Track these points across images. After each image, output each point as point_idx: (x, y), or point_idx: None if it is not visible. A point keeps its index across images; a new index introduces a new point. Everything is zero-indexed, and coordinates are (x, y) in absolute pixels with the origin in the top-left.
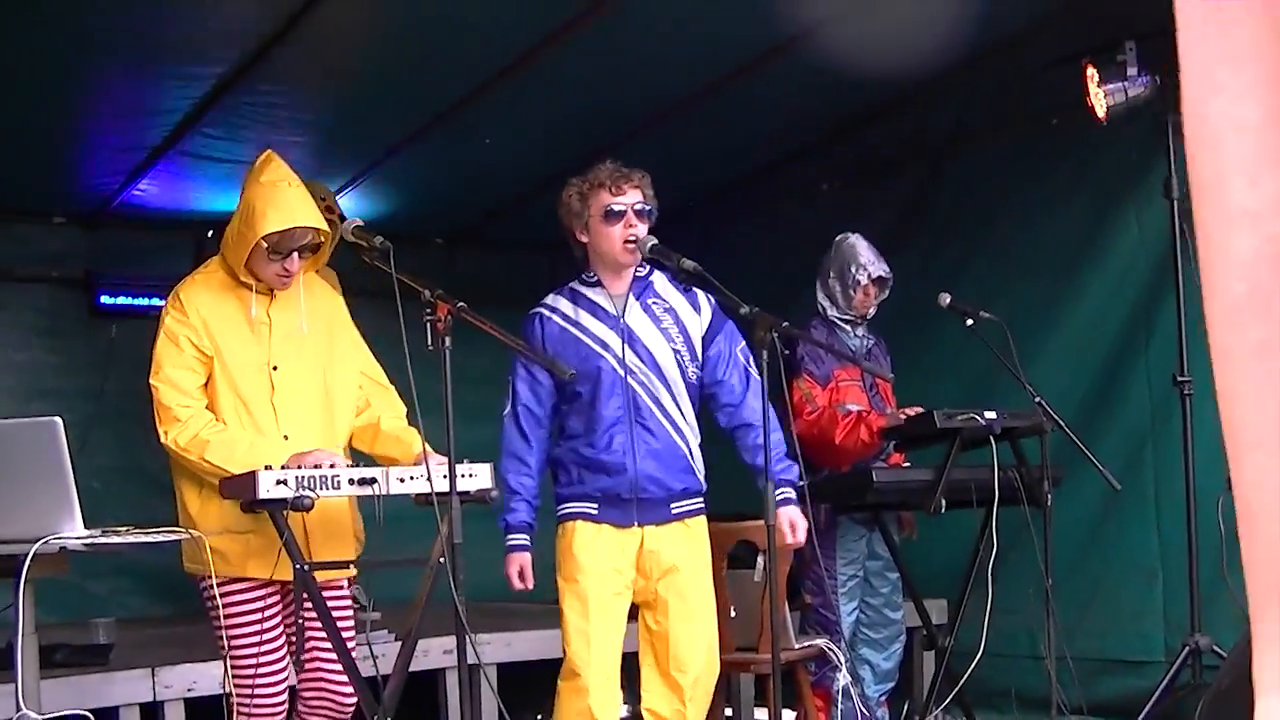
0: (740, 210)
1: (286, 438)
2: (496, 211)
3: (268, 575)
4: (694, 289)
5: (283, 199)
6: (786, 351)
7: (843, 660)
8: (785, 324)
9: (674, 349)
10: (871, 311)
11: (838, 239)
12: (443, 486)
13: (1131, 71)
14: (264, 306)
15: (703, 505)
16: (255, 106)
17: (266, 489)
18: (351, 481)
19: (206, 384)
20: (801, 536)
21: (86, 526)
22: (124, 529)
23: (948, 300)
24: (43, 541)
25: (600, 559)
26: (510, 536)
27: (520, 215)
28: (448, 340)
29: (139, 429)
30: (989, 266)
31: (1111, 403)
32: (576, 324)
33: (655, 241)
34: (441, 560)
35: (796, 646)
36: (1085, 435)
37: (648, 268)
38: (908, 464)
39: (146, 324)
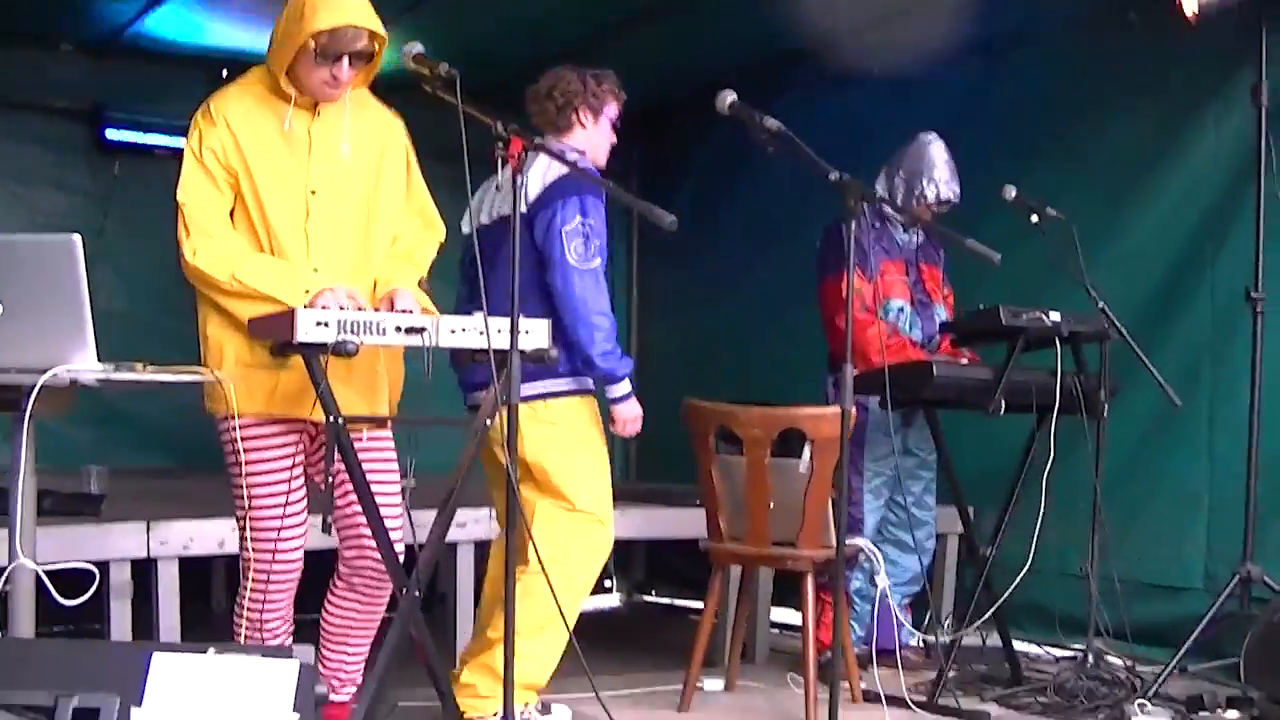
0: (779, 91)
1: (316, 270)
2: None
3: (298, 414)
4: None
5: None
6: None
7: (879, 562)
8: (881, 196)
9: None
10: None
11: (920, 138)
12: (501, 343)
13: None
14: (305, 122)
15: None
16: None
17: (305, 331)
18: (399, 329)
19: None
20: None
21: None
22: (140, 365)
23: (1013, 193)
24: (51, 373)
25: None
26: (626, 382)
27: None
28: (520, 178)
29: (139, 269)
30: (1050, 165)
31: (1171, 315)
32: None
33: (734, 97)
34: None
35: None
36: (1141, 347)
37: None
38: (964, 360)
39: (152, 163)
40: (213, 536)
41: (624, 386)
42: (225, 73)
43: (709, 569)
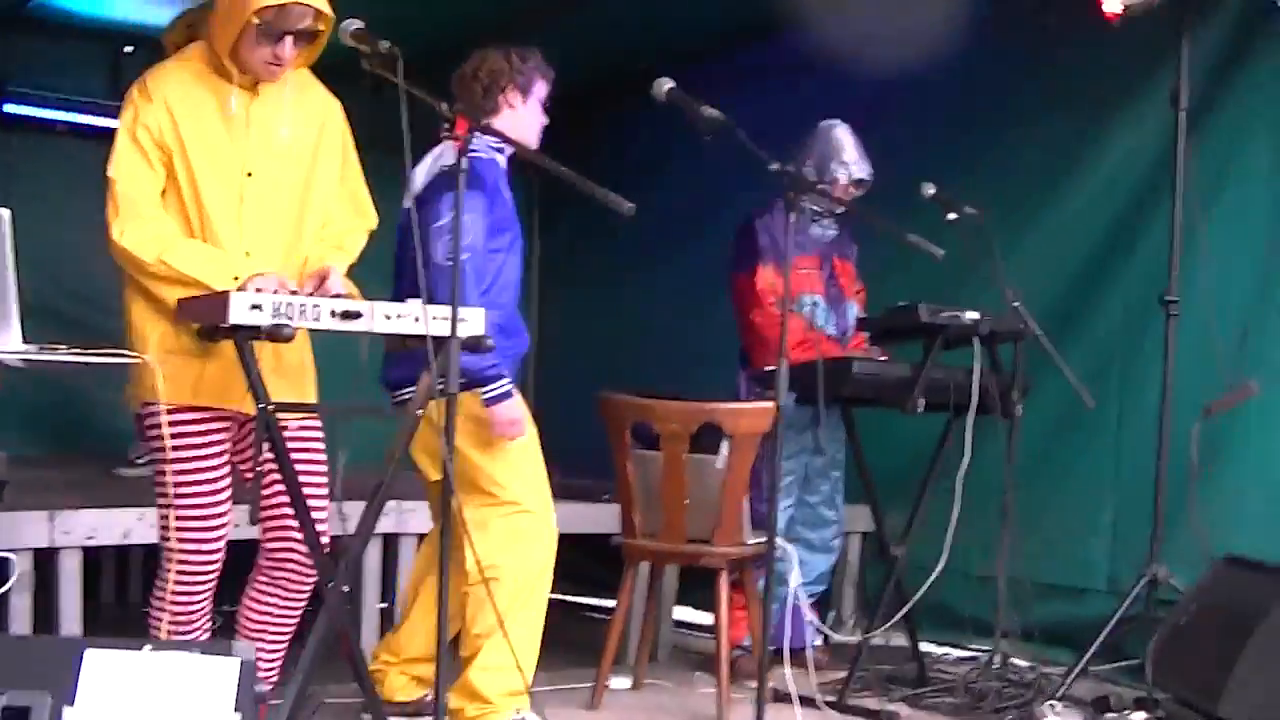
0: (704, 84)
1: (248, 254)
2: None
3: (225, 405)
4: None
5: None
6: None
7: (794, 560)
8: (818, 185)
9: None
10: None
11: (822, 125)
12: (439, 329)
13: None
14: (244, 103)
15: None
16: None
17: (238, 313)
18: (334, 314)
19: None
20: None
21: None
22: (62, 346)
23: (931, 190)
24: None
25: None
26: (501, 384)
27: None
28: (464, 161)
29: (41, 251)
30: (965, 163)
31: (1081, 315)
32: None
33: (673, 85)
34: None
35: (750, 543)
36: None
37: None
38: (884, 357)
39: (53, 140)
40: (121, 527)
41: (497, 386)
42: (130, 48)
43: (612, 566)
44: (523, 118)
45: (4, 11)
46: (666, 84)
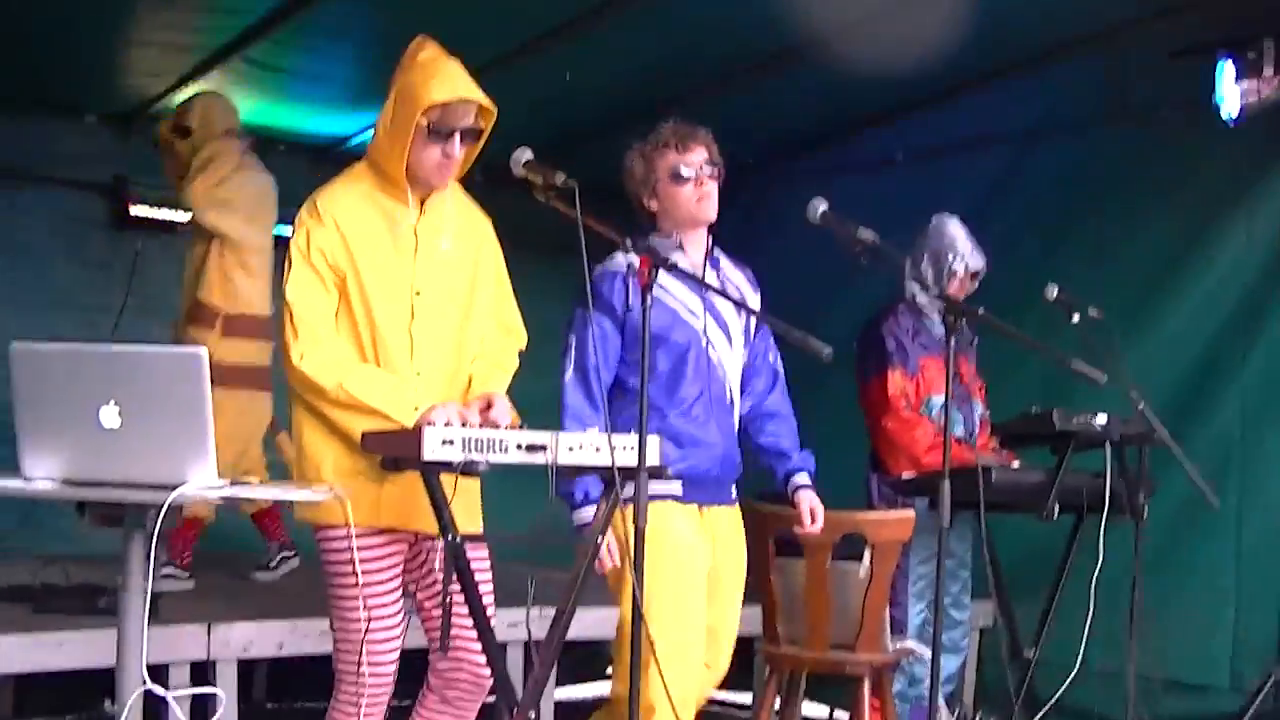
0: (801, 179)
1: (419, 374)
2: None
3: (406, 526)
4: (747, 264)
5: (445, 70)
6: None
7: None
8: (981, 311)
9: (742, 325)
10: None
11: (935, 220)
12: (626, 460)
13: (1268, 71)
14: (410, 219)
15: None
16: (339, 17)
17: (432, 449)
18: (519, 446)
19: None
20: (820, 525)
21: None
22: (252, 479)
23: (1055, 293)
24: (178, 492)
25: (688, 540)
26: (587, 509)
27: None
28: (649, 297)
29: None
30: (1079, 256)
31: (1199, 413)
32: (662, 288)
33: (825, 207)
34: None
35: (892, 649)
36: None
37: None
38: (1016, 463)
39: (174, 239)
40: (272, 638)
41: (581, 514)
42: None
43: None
44: (668, 210)
45: (128, 110)
46: (821, 205)
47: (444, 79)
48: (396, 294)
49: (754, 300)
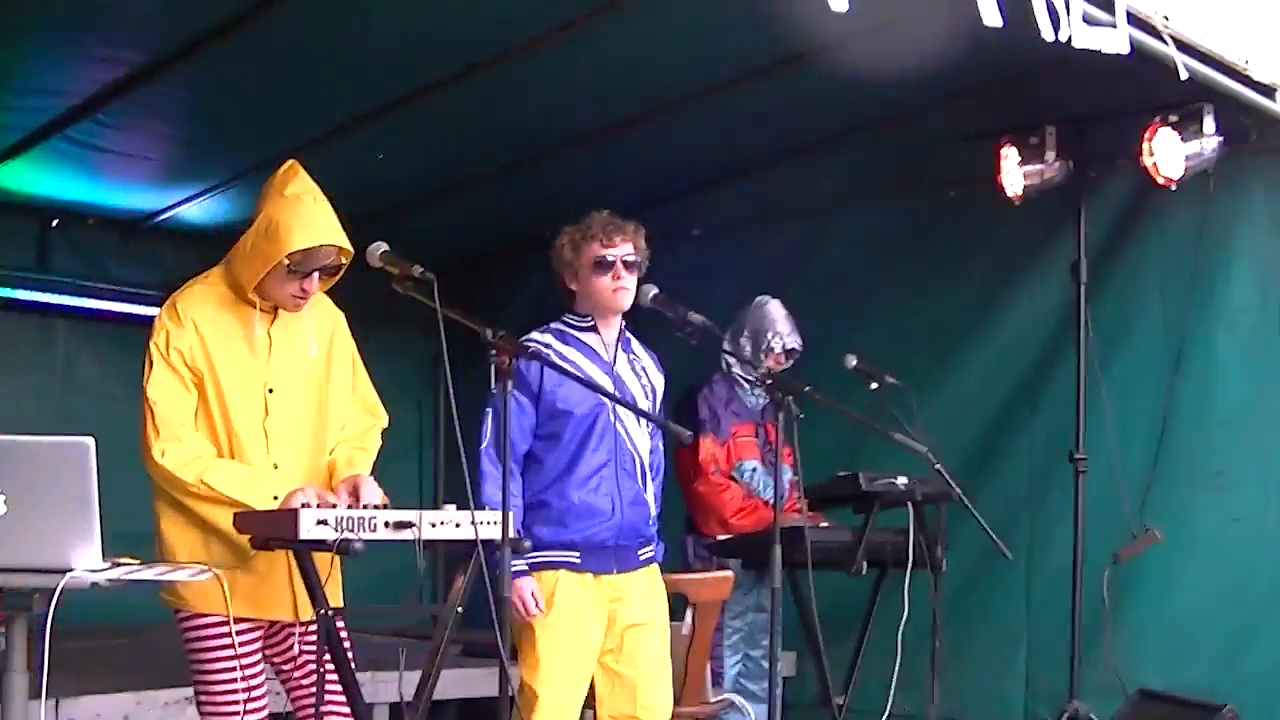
0: None
1: (276, 466)
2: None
3: (260, 615)
4: (652, 349)
5: (309, 215)
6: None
7: (749, 713)
8: (807, 388)
9: (648, 402)
10: None
11: (756, 301)
12: (485, 534)
13: (1050, 155)
14: (266, 325)
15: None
16: (162, 98)
17: (307, 529)
18: (387, 524)
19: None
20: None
21: None
22: (135, 562)
23: (853, 362)
24: (70, 575)
25: (581, 609)
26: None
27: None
28: (510, 384)
29: None
30: (872, 326)
31: (990, 472)
32: (571, 363)
33: (657, 291)
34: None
35: (712, 701)
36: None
37: (624, 320)
38: (825, 523)
39: None
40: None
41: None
42: (55, 222)
43: None
44: (586, 293)
45: None
46: (651, 290)
47: (308, 224)
48: (250, 392)
49: (658, 382)
